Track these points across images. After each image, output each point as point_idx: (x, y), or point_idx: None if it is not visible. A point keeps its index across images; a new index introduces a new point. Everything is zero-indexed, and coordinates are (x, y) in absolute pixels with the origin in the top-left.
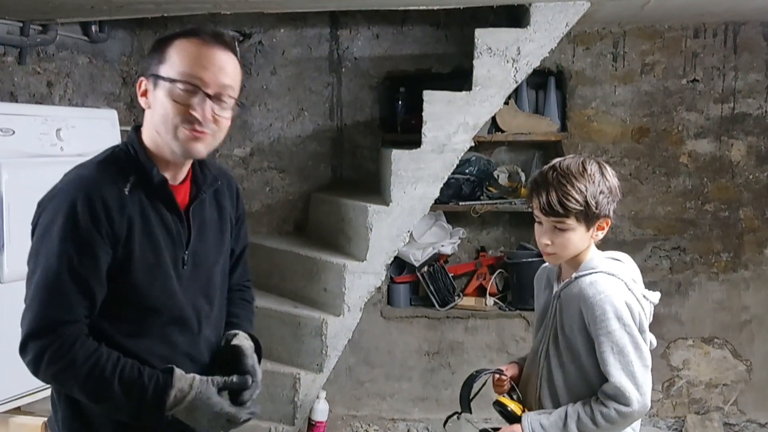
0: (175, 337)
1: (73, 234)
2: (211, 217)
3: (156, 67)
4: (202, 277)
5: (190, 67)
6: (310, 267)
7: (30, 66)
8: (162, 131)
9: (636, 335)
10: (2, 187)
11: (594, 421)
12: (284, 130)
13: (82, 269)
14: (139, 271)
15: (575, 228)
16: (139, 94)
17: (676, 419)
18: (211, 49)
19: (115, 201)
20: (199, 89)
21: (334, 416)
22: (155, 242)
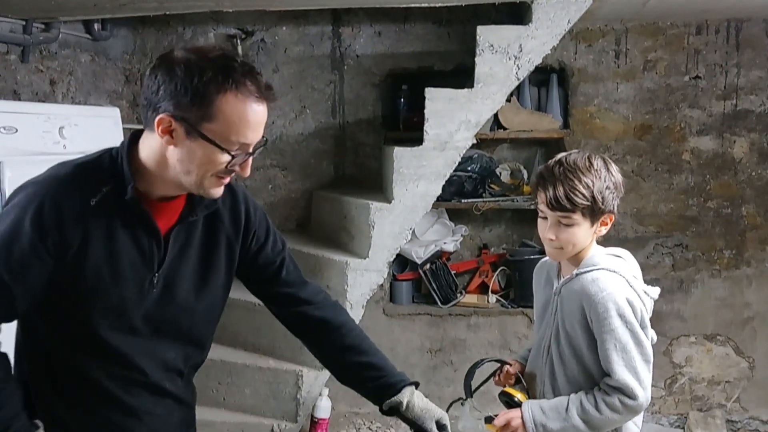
0: (131, 359)
1: (14, 238)
2: (198, 241)
3: (195, 117)
4: (173, 303)
5: (243, 132)
6: (313, 264)
7: (33, 64)
8: (185, 175)
9: (638, 331)
10: (5, 185)
11: (598, 409)
12: (287, 128)
13: (8, 275)
14: (88, 287)
15: (580, 223)
16: (159, 129)
17: (678, 416)
18: (259, 107)
19: (73, 211)
20: (245, 151)
21: (336, 414)
22: (116, 259)
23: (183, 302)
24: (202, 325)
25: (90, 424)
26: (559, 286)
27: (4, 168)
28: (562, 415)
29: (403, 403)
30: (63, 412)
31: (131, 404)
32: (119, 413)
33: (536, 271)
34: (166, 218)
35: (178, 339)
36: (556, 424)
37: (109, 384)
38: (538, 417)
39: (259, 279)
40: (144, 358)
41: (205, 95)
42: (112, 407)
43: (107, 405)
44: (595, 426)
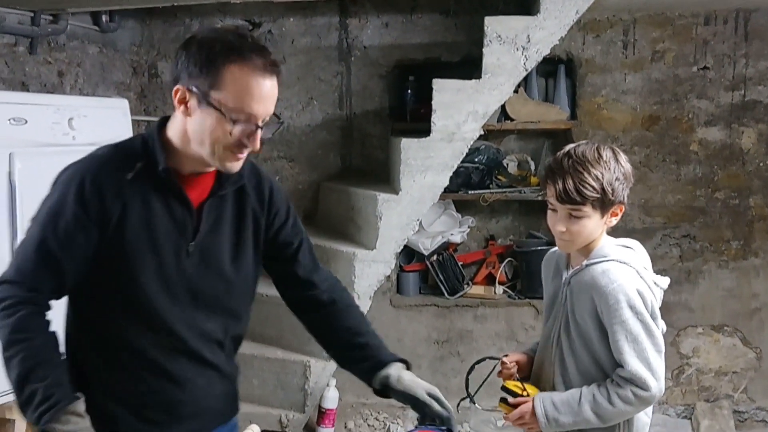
0: (171, 325)
1: (60, 212)
2: (230, 215)
3: (204, 86)
4: (210, 272)
5: (247, 102)
6: (321, 256)
7: (41, 56)
8: (199, 146)
9: (649, 322)
10: (15, 176)
11: (611, 402)
12: (294, 120)
13: (57, 246)
14: (129, 255)
15: (591, 215)
16: (175, 100)
17: (685, 407)
18: (265, 80)
19: (112, 185)
20: (252, 123)
21: (343, 404)
22: (153, 230)
23: (219, 272)
24: (238, 297)
25: (135, 390)
26: (568, 277)
27: (14, 159)
28: (574, 409)
29: (393, 375)
30: (109, 380)
31: (174, 372)
32: (163, 381)
33: (545, 261)
34: (197, 193)
35: (217, 309)
36: (569, 417)
37: (153, 352)
38: (551, 411)
39: (277, 257)
40: (185, 326)
41: (212, 65)
42: (156, 375)
43: (151, 373)
44: (607, 419)
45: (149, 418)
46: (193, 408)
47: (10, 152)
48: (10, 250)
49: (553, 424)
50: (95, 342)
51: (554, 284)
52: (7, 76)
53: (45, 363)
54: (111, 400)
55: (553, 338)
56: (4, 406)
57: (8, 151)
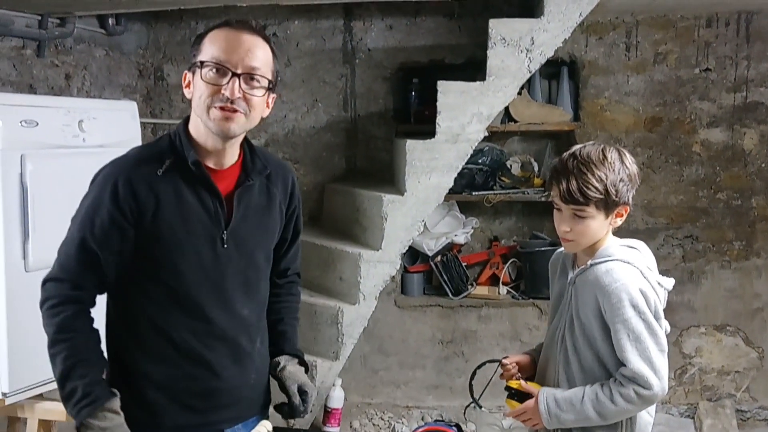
0: (209, 313)
1: (96, 211)
2: (258, 203)
3: (194, 58)
4: (243, 259)
5: (219, 50)
6: (326, 257)
7: (48, 59)
8: (199, 113)
9: (651, 322)
10: (27, 177)
11: (613, 401)
12: (299, 122)
13: (95, 244)
14: (168, 246)
15: (594, 216)
16: (184, 86)
17: (688, 406)
18: (239, 34)
19: (145, 181)
20: (228, 69)
21: (349, 404)
22: (188, 220)
23: (251, 259)
24: (267, 284)
25: (173, 377)
26: (573, 276)
27: (25, 161)
28: (576, 407)
29: (280, 364)
30: (150, 370)
31: (212, 361)
32: (201, 369)
33: (552, 261)
34: (224, 184)
35: (251, 296)
36: (571, 415)
37: (192, 341)
38: (553, 408)
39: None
40: (222, 314)
41: (199, 38)
42: (195, 364)
43: (190, 362)
44: (609, 417)
45: (190, 405)
46: (230, 396)
47: (21, 154)
48: (22, 249)
49: (555, 421)
50: (136, 333)
51: (560, 283)
52: (15, 79)
53: (85, 361)
54: (152, 390)
55: (558, 337)
56: (16, 405)
57: (20, 152)
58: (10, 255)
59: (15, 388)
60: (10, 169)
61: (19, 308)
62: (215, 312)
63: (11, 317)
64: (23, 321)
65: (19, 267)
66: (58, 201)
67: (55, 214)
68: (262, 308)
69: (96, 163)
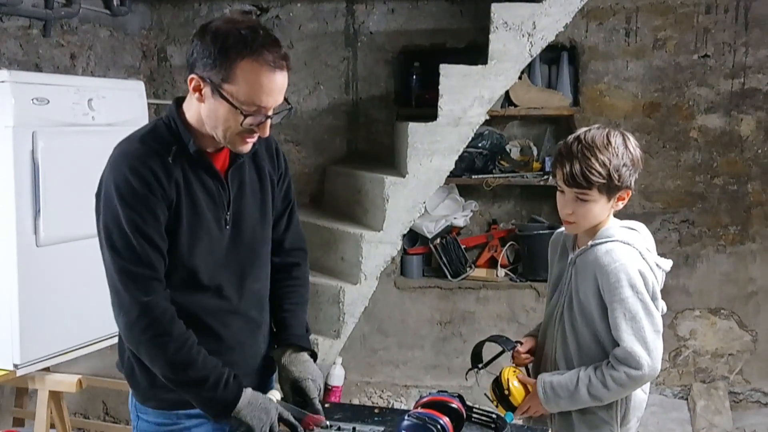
0: (224, 291)
1: (132, 200)
2: (251, 179)
3: (217, 78)
4: (245, 236)
5: (257, 97)
6: (328, 237)
7: (54, 38)
8: (213, 129)
9: (648, 302)
10: (38, 154)
11: (605, 385)
12: (301, 104)
13: (147, 228)
14: (186, 231)
15: (597, 199)
16: (191, 87)
17: (682, 387)
18: (275, 75)
19: (161, 169)
20: (262, 114)
21: (348, 383)
22: (198, 204)
23: (253, 235)
24: (263, 250)
25: None
26: (574, 257)
27: (37, 138)
28: (571, 392)
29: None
30: None
31: (228, 336)
32: (219, 343)
33: (552, 242)
34: (219, 165)
35: (259, 269)
36: (567, 401)
37: (209, 319)
38: (550, 395)
39: None
40: (235, 290)
41: (225, 59)
42: (213, 339)
43: (209, 337)
44: (604, 399)
45: None
46: (247, 367)
47: (33, 131)
48: (33, 225)
49: (554, 406)
50: None
51: (560, 264)
52: (21, 58)
53: (207, 356)
54: None
55: (556, 316)
56: (26, 376)
57: (31, 130)
58: (22, 230)
59: (26, 360)
60: (22, 146)
61: (30, 282)
62: (229, 290)
63: (23, 291)
64: (34, 295)
65: (30, 242)
66: (69, 178)
67: (66, 191)
68: (268, 280)
69: (105, 141)
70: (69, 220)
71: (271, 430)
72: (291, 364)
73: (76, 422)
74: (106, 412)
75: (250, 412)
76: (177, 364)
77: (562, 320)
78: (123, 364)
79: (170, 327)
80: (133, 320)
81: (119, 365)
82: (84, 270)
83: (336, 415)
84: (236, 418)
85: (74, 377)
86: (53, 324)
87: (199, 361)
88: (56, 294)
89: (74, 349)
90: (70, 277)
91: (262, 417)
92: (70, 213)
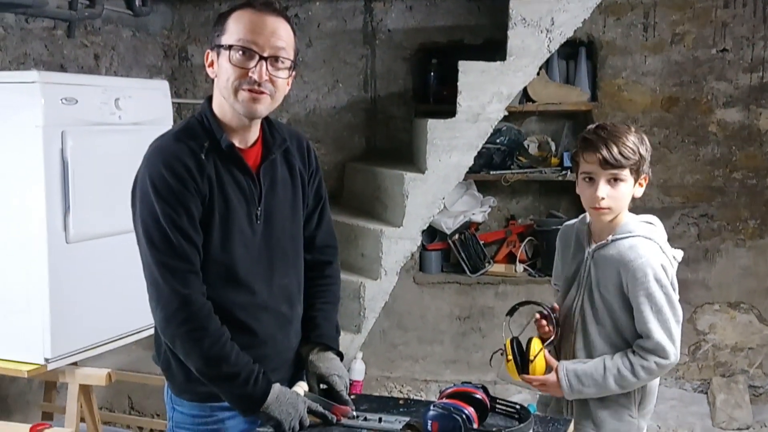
0: (254, 286)
1: (168, 195)
2: (282, 176)
3: (218, 39)
4: (276, 231)
5: (246, 33)
6: (348, 233)
7: (78, 39)
8: (226, 95)
9: (672, 295)
10: (68, 152)
11: (635, 374)
12: (320, 102)
13: (182, 222)
14: (218, 226)
15: (627, 180)
16: (207, 66)
17: (702, 381)
18: (263, 16)
19: (194, 164)
20: (255, 53)
21: (368, 377)
22: (229, 200)
23: (284, 231)
24: (301, 251)
25: None
26: (591, 251)
27: (66, 137)
28: (598, 381)
29: (302, 354)
30: None
31: (259, 331)
32: (251, 338)
33: (561, 234)
34: (250, 162)
35: (289, 265)
36: (592, 389)
37: (240, 313)
38: (575, 383)
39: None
40: (265, 286)
41: (221, 18)
42: (245, 333)
43: (241, 332)
44: (629, 387)
45: None
46: (277, 362)
47: (62, 130)
48: (63, 222)
49: (577, 394)
50: None
51: (576, 258)
52: (46, 59)
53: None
54: None
55: (575, 308)
56: (57, 371)
57: (60, 129)
58: (52, 227)
59: (56, 355)
60: (51, 145)
61: (60, 278)
62: (259, 285)
63: (53, 286)
64: (64, 290)
65: (61, 238)
66: (97, 176)
67: (94, 189)
68: (301, 275)
69: (131, 139)
70: (98, 217)
71: (301, 423)
72: (318, 360)
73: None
74: (131, 406)
75: (278, 407)
76: (211, 359)
77: (583, 312)
78: (159, 357)
79: (207, 322)
80: (171, 313)
81: (155, 358)
82: (112, 265)
83: (362, 406)
84: (265, 413)
85: (103, 371)
86: (82, 319)
87: (232, 357)
88: (85, 289)
89: (103, 343)
90: (99, 272)
91: (290, 412)
92: (98, 210)
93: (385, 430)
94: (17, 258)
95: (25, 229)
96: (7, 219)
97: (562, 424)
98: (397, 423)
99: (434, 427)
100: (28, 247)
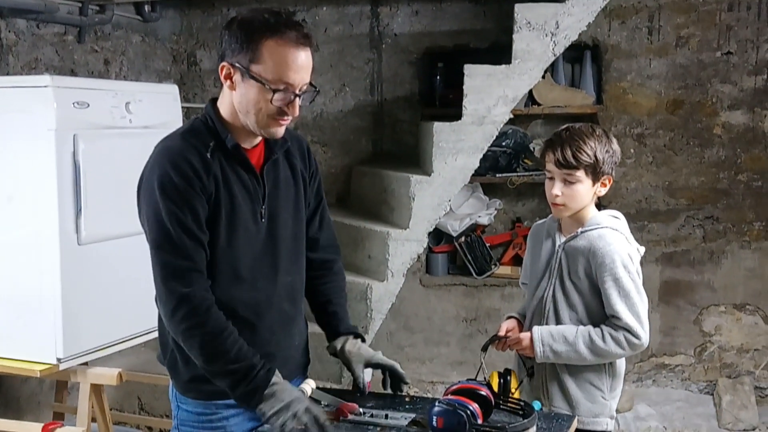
0: (258, 285)
1: (173, 194)
2: (284, 176)
3: (245, 61)
4: (279, 230)
5: (283, 72)
6: (355, 236)
7: (88, 44)
8: (245, 116)
9: (638, 282)
10: (80, 156)
11: (604, 340)
12: (327, 106)
13: (187, 221)
14: (224, 223)
15: (583, 181)
16: (222, 76)
17: (707, 383)
18: (299, 52)
19: (200, 163)
20: (292, 93)
21: (375, 379)
22: (235, 198)
23: (287, 229)
24: (303, 250)
25: None
26: (562, 243)
27: (78, 140)
28: (569, 339)
29: (338, 346)
30: None
31: (263, 328)
32: (254, 335)
33: (532, 233)
34: (254, 162)
35: (292, 264)
36: (562, 346)
37: (244, 310)
38: (546, 338)
39: None
40: (269, 284)
41: (251, 41)
42: (249, 330)
43: (245, 329)
44: (597, 354)
45: None
46: (282, 359)
47: (74, 134)
48: (75, 224)
49: (548, 350)
50: None
51: (547, 250)
52: (57, 64)
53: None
54: None
55: (546, 297)
56: (69, 370)
57: (72, 132)
58: (65, 229)
59: (68, 354)
60: (63, 149)
61: (72, 279)
62: (263, 283)
63: (65, 287)
64: (76, 291)
65: (73, 240)
66: (108, 179)
67: (106, 191)
68: (303, 273)
69: (142, 143)
70: (109, 219)
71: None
72: (358, 348)
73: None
74: (141, 407)
75: (271, 405)
76: (208, 354)
77: (555, 299)
78: (165, 356)
79: (204, 318)
80: (170, 311)
81: (160, 357)
82: (123, 267)
83: (368, 403)
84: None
85: (114, 370)
86: (94, 319)
87: (232, 352)
88: (97, 290)
89: (114, 344)
90: (110, 274)
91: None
92: (110, 212)
93: (391, 426)
94: (30, 259)
95: (38, 231)
96: (20, 221)
97: (566, 420)
98: (403, 419)
99: (439, 422)
100: (41, 249)
